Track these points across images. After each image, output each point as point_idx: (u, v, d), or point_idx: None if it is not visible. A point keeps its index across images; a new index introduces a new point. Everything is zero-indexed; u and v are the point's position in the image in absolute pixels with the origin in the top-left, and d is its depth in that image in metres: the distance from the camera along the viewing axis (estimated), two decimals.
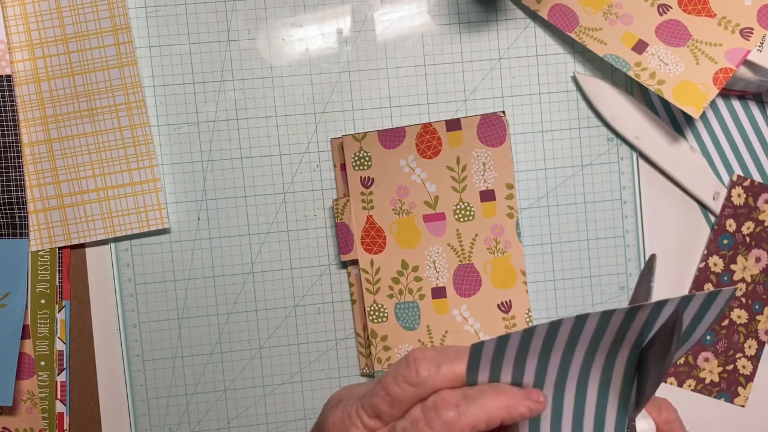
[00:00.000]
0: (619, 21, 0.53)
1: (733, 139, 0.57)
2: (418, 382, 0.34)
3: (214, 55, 0.54)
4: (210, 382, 0.55)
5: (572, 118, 0.56)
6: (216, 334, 0.55)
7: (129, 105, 0.52)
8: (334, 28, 0.54)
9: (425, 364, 0.34)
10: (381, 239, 0.54)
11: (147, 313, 0.54)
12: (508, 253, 0.54)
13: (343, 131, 0.55)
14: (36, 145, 0.52)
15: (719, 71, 0.51)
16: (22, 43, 0.52)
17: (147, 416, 0.54)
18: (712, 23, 0.52)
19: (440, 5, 0.55)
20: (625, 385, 0.36)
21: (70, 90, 0.52)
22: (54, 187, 0.53)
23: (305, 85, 0.54)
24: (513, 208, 0.54)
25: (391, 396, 0.34)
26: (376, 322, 0.54)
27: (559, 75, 0.56)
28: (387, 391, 0.34)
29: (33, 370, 0.53)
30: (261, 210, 0.55)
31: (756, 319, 0.57)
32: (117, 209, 0.53)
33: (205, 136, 0.54)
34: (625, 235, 0.56)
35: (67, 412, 0.54)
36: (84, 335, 0.54)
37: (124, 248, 0.54)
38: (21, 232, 0.52)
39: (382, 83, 0.55)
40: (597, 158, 0.56)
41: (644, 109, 0.55)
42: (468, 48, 0.55)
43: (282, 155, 0.55)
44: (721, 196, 0.56)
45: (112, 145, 0.53)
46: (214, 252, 0.55)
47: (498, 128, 0.53)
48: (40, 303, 0.53)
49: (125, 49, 0.52)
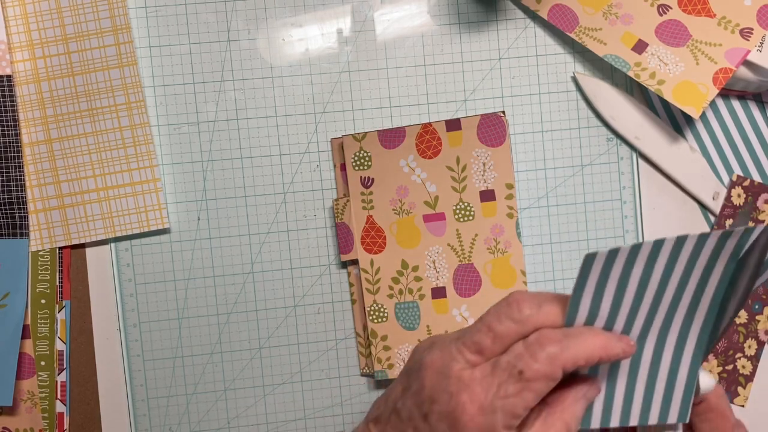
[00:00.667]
0: (619, 21, 0.53)
1: (733, 139, 0.57)
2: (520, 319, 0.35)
3: (214, 55, 0.54)
4: (210, 382, 0.55)
5: (572, 118, 0.56)
6: (216, 334, 0.55)
7: (129, 105, 0.52)
8: (334, 28, 0.54)
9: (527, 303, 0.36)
10: (381, 239, 0.54)
11: (147, 313, 0.54)
12: (508, 253, 0.54)
13: (343, 131, 0.55)
14: (36, 145, 0.52)
15: (719, 71, 0.51)
16: (23, 43, 0.52)
17: (147, 416, 0.55)
18: (711, 23, 0.52)
19: (440, 5, 0.55)
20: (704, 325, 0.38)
21: (71, 90, 0.52)
22: (54, 187, 0.53)
23: (305, 85, 0.54)
24: (513, 208, 0.54)
25: (494, 332, 0.36)
26: (376, 322, 0.54)
27: (559, 75, 0.56)
28: (490, 328, 0.36)
29: (33, 370, 0.53)
30: (261, 210, 0.55)
31: (756, 319, 0.57)
32: (117, 209, 0.53)
33: (205, 136, 0.54)
34: (625, 235, 0.56)
35: (67, 412, 0.54)
36: (84, 335, 0.54)
37: (124, 248, 0.54)
38: (21, 232, 0.52)
39: (382, 83, 0.55)
40: (597, 158, 0.56)
41: (644, 109, 0.55)
42: (468, 48, 0.55)
43: (282, 155, 0.55)
44: (720, 196, 0.56)
45: (113, 145, 0.53)
46: (214, 252, 0.55)
47: (498, 128, 0.53)
48: (41, 303, 0.53)
49: (125, 49, 0.52)
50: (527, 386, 0.34)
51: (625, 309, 0.37)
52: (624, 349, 0.36)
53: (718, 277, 0.36)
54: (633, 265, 0.35)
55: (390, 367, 0.53)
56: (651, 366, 0.39)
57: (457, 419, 0.35)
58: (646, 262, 0.35)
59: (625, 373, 0.39)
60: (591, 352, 0.35)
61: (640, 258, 0.35)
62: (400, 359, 0.53)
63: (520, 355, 0.35)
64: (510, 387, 0.34)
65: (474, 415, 0.35)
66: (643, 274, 0.36)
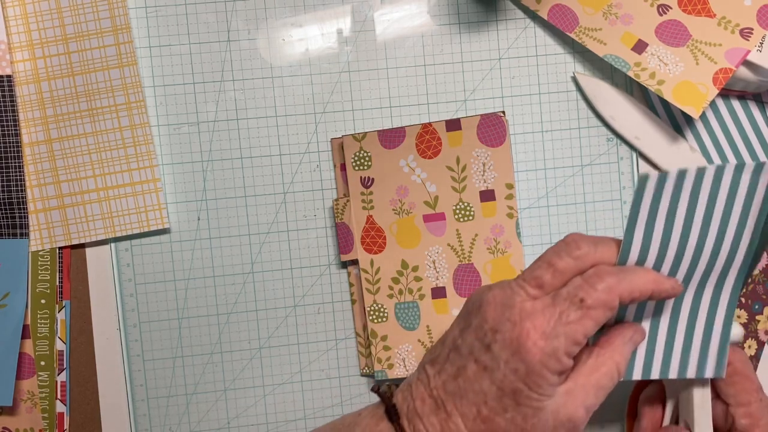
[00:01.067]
0: (618, 21, 0.53)
1: (733, 139, 0.57)
2: (579, 256, 0.39)
3: (214, 55, 0.54)
4: (210, 382, 0.55)
5: (572, 118, 0.56)
6: (216, 334, 0.55)
7: (129, 105, 0.52)
8: (334, 28, 0.54)
9: (585, 242, 0.40)
10: (381, 239, 0.54)
11: (147, 313, 0.54)
12: (508, 253, 0.54)
13: (343, 131, 0.55)
14: (36, 145, 0.52)
15: (719, 71, 0.51)
16: (23, 43, 0.52)
17: (147, 416, 0.55)
18: (711, 23, 0.52)
19: (440, 5, 0.55)
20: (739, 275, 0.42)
21: (71, 90, 0.52)
22: (54, 187, 0.53)
23: (305, 85, 0.54)
24: (513, 208, 0.54)
25: (554, 268, 0.39)
26: (376, 322, 0.54)
27: (559, 75, 0.56)
28: (550, 264, 0.39)
29: (33, 370, 0.53)
30: (261, 210, 0.55)
31: (756, 319, 0.57)
32: (117, 209, 0.53)
33: (205, 136, 0.54)
34: None
35: (67, 412, 0.54)
36: (84, 335, 0.54)
37: (124, 248, 0.54)
38: (21, 232, 0.52)
39: (382, 83, 0.55)
40: (597, 158, 0.56)
41: (644, 109, 0.55)
42: (468, 48, 0.55)
43: (282, 155, 0.55)
44: None
45: (113, 145, 0.53)
46: (214, 252, 0.55)
47: (498, 128, 0.54)
48: (41, 303, 0.53)
49: (125, 49, 0.52)
50: (587, 314, 0.37)
51: (672, 251, 0.40)
52: (673, 287, 0.40)
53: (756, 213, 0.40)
54: (679, 196, 0.39)
55: (390, 367, 0.53)
56: (689, 317, 0.42)
57: (521, 345, 0.37)
58: (690, 192, 0.39)
59: (666, 324, 0.43)
60: (644, 285, 0.39)
61: (686, 187, 0.38)
62: (400, 359, 0.53)
63: (580, 285, 0.38)
64: (572, 314, 0.37)
65: (537, 340, 0.37)
66: (688, 207, 0.39)
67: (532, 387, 0.38)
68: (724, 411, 0.47)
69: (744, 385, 0.46)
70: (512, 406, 0.38)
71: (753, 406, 0.46)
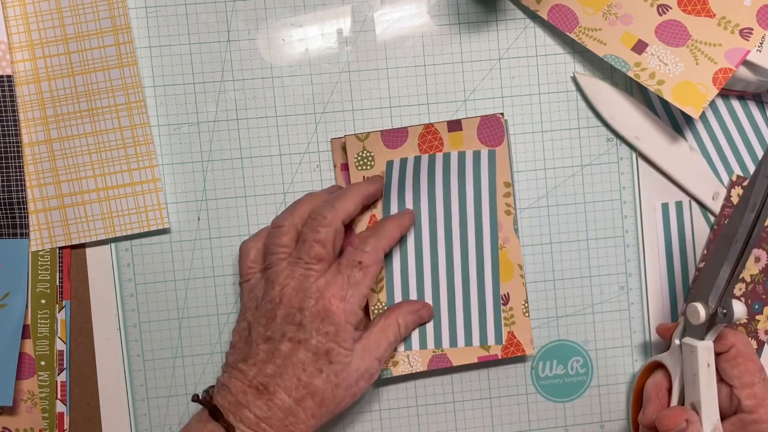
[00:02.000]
0: (618, 21, 0.53)
1: (733, 140, 0.57)
2: (329, 222, 0.47)
3: (214, 55, 0.54)
4: (210, 382, 0.55)
5: (572, 118, 0.56)
6: (216, 334, 0.55)
7: (129, 105, 0.52)
8: (334, 29, 0.54)
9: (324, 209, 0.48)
10: None
11: (147, 313, 0.54)
12: (506, 249, 0.54)
13: (343, 131, 0.55)
14: (36, 145, 0.52)
15: (719, 71, 0.51)
16: (23, 43, 0.52)
17: (147, 416, 0.54)
18: (711, 23, 0.52)
19: (440, 5, 0.55)
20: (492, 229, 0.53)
21: (71, 90, 0.52)
22: (54, 187, 0.53)
23: (305, 85, 0.54)
24: (511, 205, 0.54)
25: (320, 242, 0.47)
26: None
27: (558, 75, 0.56)
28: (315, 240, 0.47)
29: (33, 370, 0.53)
30: (261, 210, 0.55)
31: (756, 319, 0.57)
32: (117, 209, 0.53)
33: (205, 136, 0.54)
34: (625, 235, 0.56)
35: (67, 412, 0.54)
36: (84, 335, 0.54)
37: (124, 248, 0.54)
38: (21, 232, 0.52)
39: (382, 83, 0.55)
40: (596, 158, 0.56)
41: (644, 109, 0.55)
42: (468, 48, 0.55)
43: (282, 155, 0.55)
44: (720, 196, 0.56)
45: (113, 145, 0.53)
46: (214, 252, 0.55)
47: (497, 129, 0.54)
48: (41, 303, 0.53)
49: (125, 49, 0.52)
50: (367, 271, 0.47)
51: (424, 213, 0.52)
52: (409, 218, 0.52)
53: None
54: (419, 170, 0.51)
55: (395, 365, 0.53)
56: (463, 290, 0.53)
57: (327, 310, 0.46)
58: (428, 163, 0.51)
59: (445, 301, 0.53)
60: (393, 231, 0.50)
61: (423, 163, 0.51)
62: (405, 356, 0.53)
63: (354, 252, 0.48)
64: (356, 275, 0.47)
65: (338, 303, 0.46)
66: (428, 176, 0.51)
67: (340, 343, 0.46)
68: (728, 393, 0.48)
69: (747, 366, 0.47)
70: (326, 365, 0.46)
71: (757, 387, 0.47)
